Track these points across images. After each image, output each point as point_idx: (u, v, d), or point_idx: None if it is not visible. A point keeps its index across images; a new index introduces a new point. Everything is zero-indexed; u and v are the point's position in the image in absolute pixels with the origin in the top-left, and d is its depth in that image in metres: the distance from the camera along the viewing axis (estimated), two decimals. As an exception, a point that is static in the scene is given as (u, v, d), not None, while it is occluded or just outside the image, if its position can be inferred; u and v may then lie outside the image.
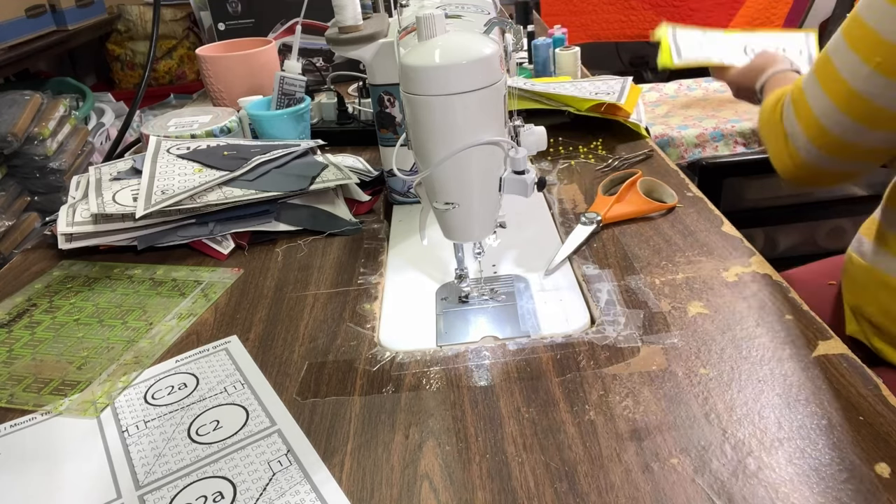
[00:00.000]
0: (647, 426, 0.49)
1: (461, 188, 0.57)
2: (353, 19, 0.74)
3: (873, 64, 0.59)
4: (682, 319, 0.60)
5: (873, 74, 0.59)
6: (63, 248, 0.78)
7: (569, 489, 0.45)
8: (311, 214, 0.82)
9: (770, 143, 0.75)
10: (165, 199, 0.76)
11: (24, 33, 2.09)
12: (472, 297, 0.66)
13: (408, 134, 0.59)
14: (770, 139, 0.74)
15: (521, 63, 1.35)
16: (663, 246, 0.72)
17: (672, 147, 1.35)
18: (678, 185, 0.84)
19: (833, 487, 0.43)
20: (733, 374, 0.53)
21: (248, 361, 0.60)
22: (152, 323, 0.67)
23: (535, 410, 0.51)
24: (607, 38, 2.06)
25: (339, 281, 0.71)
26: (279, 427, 0.53)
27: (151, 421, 0.55)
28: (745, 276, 0.65)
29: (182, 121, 0.98)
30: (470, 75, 0.52)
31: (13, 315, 0.71)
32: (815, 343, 0.56)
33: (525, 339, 0.60)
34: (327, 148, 1.01)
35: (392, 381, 0.56)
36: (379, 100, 0.81)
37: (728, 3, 1.96)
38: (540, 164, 0.95)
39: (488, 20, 0.58)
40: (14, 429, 0.56)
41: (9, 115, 1.77)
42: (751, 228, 1.50)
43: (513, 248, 0.75)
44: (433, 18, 0.53)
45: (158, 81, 2.75)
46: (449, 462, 0.48)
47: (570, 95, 1.03)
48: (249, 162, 0.83)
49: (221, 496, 0.47)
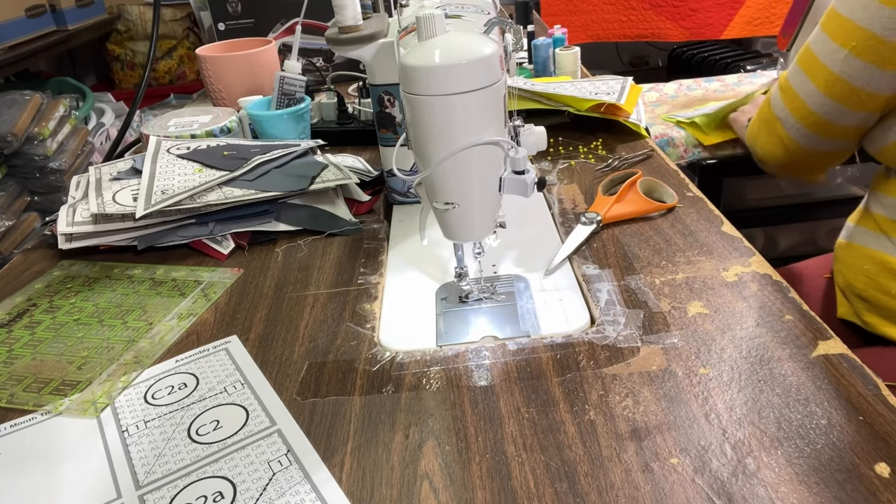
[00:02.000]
0: (647, 426, 0.49)
1: (461, 188, 0.57)
2: (353, 19, 0.74)
3: (849, 48, 0.67)
4: (682, 319, 0.60)
5: (850, 57, 0.68)
6: (63, 248, 0.78)
7: (569, 489, 0.45)
8: (311, 214, 0.82)
9: (763, 136, 0.82)
10: (165, 199, 0.76)
11: (24, 33, 2.09)
12: (471, 297, 0.66)
13: (408, 134, 0.59)
14: (763, 132, 0.81)
15: (521, 63, 1.35)
16: (663, 246, 0.72)
17: (672, 147, 1.35)
18: (678, 185, 0.84)
19: (833, 487, 0.43)
20: (733, 374, 0.53)
21: (248, 361, 0.60)
22: (152, 323, 0.67)
23: (535, 410, 0.52)
24: (607, 38, 2.06)
25: (339, 281, 0.71)
26: (279, 427, 0.53)
27: (151, 421, 0.55)
28: (745, 276, 0.65)
29: (182, 121, 0.98)
30: (470, 75, 0.52)
31: (13, 315, 0.71)
32: (815, 343, 0.56)
33: (525, 339, 0.60)
34: (327, 148, 1.01)
35: (392, 380, 0.56)
36: (379, 100, 0.81)
37: (728, 3, 1.96)
38: (540, 164, 0.95)
39: (488, 20, 0.58)
40: (14, 429, 0.56)
41: (9, 115, 1.77)
42: (751, 228, 1.50)
43: (513, 248, 0.75)
44: (433, 18, 0.53)
45: (158, 81, 2.75)
46: (449, 462, 0.48)
47: (570, 95, 1.03)
48: (249, 162, 0.83)
49: (221, 496, 0.47)
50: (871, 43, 0.65)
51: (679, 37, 1.97)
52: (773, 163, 0.83)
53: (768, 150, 0.82)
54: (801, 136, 0.76)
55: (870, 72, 0.66)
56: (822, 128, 0.74)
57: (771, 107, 0.79)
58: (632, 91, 1.08)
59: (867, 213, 0.76)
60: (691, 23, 1.96)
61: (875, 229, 0.75)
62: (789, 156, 0.80)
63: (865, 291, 0.76)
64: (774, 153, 0.81)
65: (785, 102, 0.77)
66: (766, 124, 0.81)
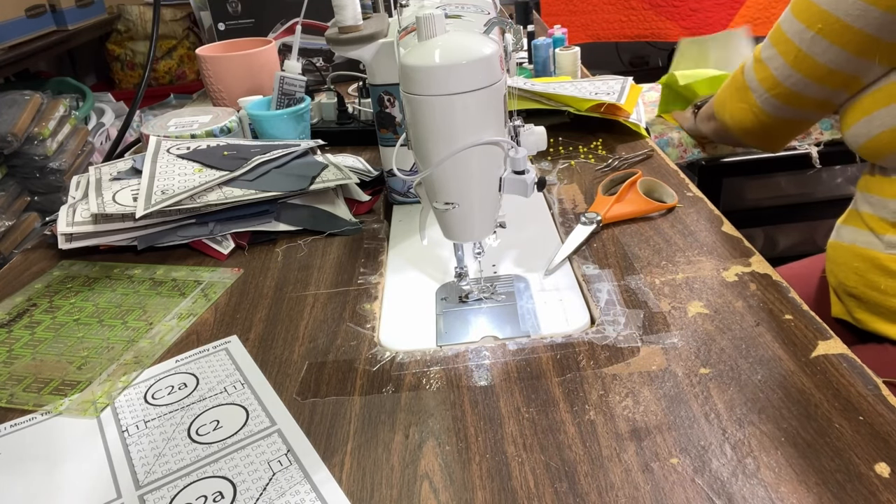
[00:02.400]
0: (647, 426, 0.49)
1: (461, 188, 0.57)
2: (353, 19, 0.74)
3: (816, 29, 0.73)
4: (682, 319, 0.60)
5: (816, 38, 0.73)
6: (63, 248, 0.78)
7: (569, 489, 0.45)
8: (311, 214, 0.82)
9: (733, 102, 0.89)
10: (165, 199, 0.76)
11: (24, 33, 2.09)
12: (471, 297, 0.66)
13: (408, 134, 0.59)
14: (733, 99, 0.89)
15: (521, 63, 1.35)
16: (663, 246, 0.72)
17: (672, 147, 1.35)
18: (678, 185, 0.84)
19: (833, 487, 0.43)
20: (733, 374, 0.53)
21: (248, 361, 0.60)
22: (152, 323, 0.67)
23: (535, 410, 0.52)
24: (607, 38, 2.06)
25: (339, 281, 0.71)
26: (279, 427, 0.53)
27: (151, 421, 0.55)
28: (745, 276, 0.65)
29: (182, 121, 0.98)
30: (470, 75, 0.52)
31: (13, 315, 0.71)
32: (815, 343, 0.56)
33: (525, 339, 0.60)
34: (327, 148, 1.01)
35: (392, 380, 0.56)
36: (379, 100, 0.81)
37: (728, 3, 1.96)
38: (540, 164, 0.95)
39: (488, 20, 0.58)
40: (14, 429, 0.56)
41: (9, 115, 1.78)
42: (751, 228, 1.50)
43: (513, 248, 0.75)
44: (433, 18, 0.53)
45: (158, 81, 2.75)
46: (449, 462, 0.48)
47: (570, 95, 1.03)
48: (249, 162, 0.83)
49: (221, 496, 0.47)
50: (835, 27, 0.71)
51: (679, 37, 1.97)
52: (740, 128, 0.90)
53: (737, 117, 0.89)
54: (769, 105, 0.84)
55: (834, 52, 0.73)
56: (788, 98, 0.81)
57: (744, 76, 0.86)
58: (632, 91, 1.08)
59: (855, 213, 0.80)
60: (691, 23, 1.95)
61: (862, 227, 0.77)
62: (757, 123, 0.87)
63: (856, 289, 0.78)
64: (743, 120, 0.88)
65: (756, 73, 0.83)
66: (738, 92, 0.87)
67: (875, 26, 0.68)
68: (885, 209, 0.75)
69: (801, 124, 0.87)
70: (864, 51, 0.70)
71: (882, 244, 0.75)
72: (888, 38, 0.68)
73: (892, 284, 0.75)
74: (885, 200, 0.75)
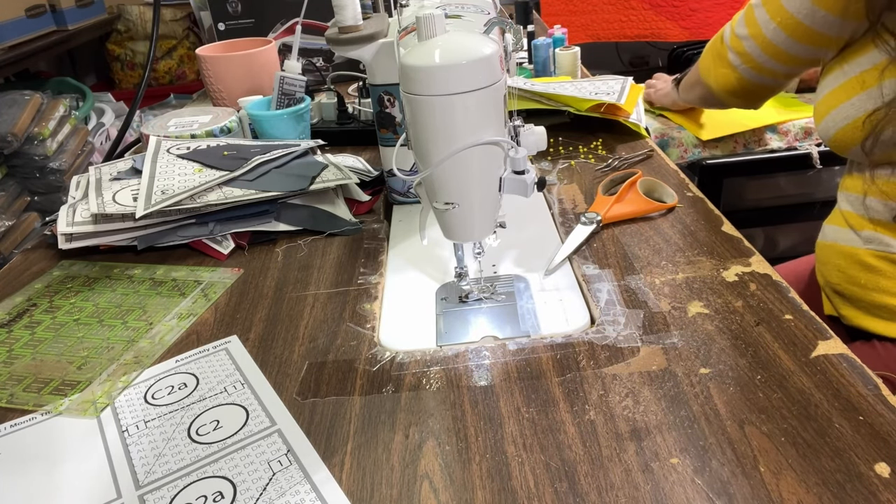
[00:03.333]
0: (647, 426, 0.49)
1: (461, 188, 0.57)
2: (353, 19, 0.74)
3: (776, 22, 0.81)
4: (682, 319, 0.60)
5: (777, 29, 0.82)
6: (63, 248, 0.78)
7: (569, 489, 0.45)
8: (311, 214, 0.82)
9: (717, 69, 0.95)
10: (165, 199, 0.76)
11: (24, 33, 2.09)
12: (471, 297, 0.66)
13: (408, 134, 0.59)
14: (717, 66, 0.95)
15: (521, 63, 1.35)
16: (663, 246, 0.72)
17: (672, 147, 1.35)
18: (678, 185, 0.84)
19: (833, 487, 0.43)
20: (733, 374, 0.53)
21: (248, 361, 0.60)
22: (152, 323, 0.67)
23: (535, 410, 0.51)
24: (607, 38, 2.06)
25: (339, 281, 0.71)
26: (279, 427, 0.53)
27: (151, 421, 0.55)
28: (745, 275, 0.65)
29: (182, 121, 0.98)
30: (470, 75, 0.52)
31: (13, 315, 0.71)
32: (814, 343, 0.56)
33: (525, 339, 0.60)
34: (327, 148, 1.01)
35: (392, 380, 0.56)
36: (379, 100, 0.81)
37: (728, 3, 1.96)
38: (540, 164, 0.95)
39: (488, 20, 0.58)
40: (14, 429, 0.56)
41: (9, 115, 1.77)
42: (751, 228, 1.50)
43: (513, 248, 0.75)
44: (433, 18, 0.53)
45: (158, 81, 2.75)
46: (449, 462, 0.48)
47: (570, 95, 1.03)
48: (249, 162, 0.83)
49: (221, 496, 0.47)
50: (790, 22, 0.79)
51: (679, 37, 1.97)
52: (725, 91, 0.95)
53: (721, 81, 0.95)
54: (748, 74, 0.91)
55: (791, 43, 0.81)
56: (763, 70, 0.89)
57: (724, 44, 0.93)
58: (632, 91, 1.08)
59: (837, 212, 0.83)
60: (691, 23, 1.95)
61: (843, 225, 0.81)
62: (739, 87, 0.93)
63: (840, 286, 0.81)
64: (727, 84, 0.94)
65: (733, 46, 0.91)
66: (720, 59, 0.94)
67: (820, 23, 0.76)
68: (861, 206, 0.78)
69: (780, 86, 0.94)
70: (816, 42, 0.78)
71: (860, 240, 0.78)
72: (830, 32, 0.76)
73: (872, 279, 0.77)
74: (860, 197, 0.78)
